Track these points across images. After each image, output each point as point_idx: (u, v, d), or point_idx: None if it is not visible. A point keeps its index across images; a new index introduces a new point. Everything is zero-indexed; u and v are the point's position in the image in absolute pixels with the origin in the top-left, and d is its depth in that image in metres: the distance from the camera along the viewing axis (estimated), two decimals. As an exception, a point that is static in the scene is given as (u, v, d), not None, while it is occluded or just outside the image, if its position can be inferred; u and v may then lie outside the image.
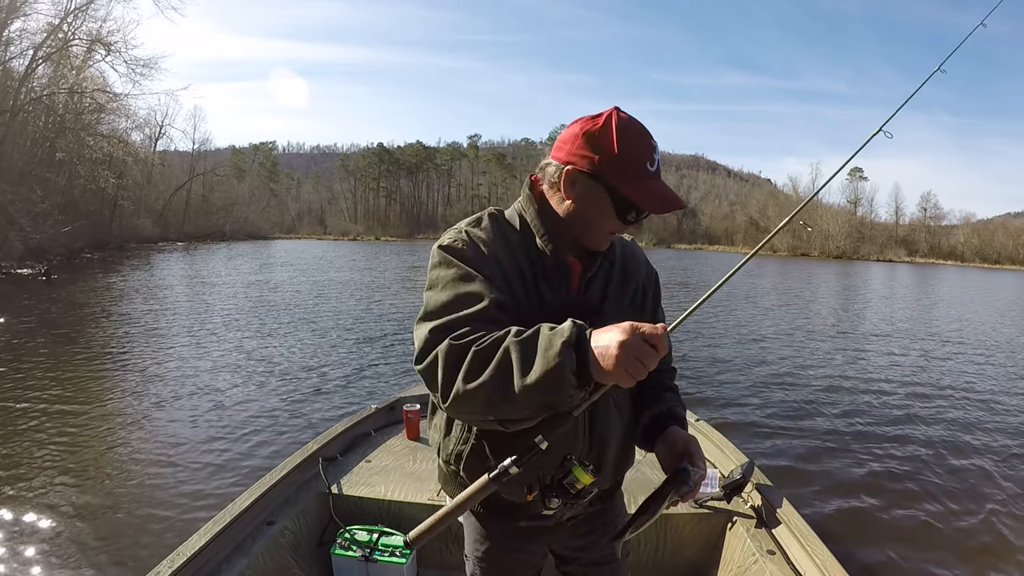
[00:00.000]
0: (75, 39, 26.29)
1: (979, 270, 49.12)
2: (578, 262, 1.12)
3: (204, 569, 1.69)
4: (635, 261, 1.23)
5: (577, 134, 1.04)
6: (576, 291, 1.12)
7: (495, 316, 0.98)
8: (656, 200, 1.04)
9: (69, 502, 3.42)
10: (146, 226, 38.62)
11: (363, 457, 2.56)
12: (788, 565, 1.86)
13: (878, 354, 9.15)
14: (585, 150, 1.03)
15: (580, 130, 1.04)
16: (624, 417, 1.20)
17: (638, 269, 1.22)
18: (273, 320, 10.31)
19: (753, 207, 68.10)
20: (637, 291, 1.21)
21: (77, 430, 4.57)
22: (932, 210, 65.90)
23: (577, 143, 1.04)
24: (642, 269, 1.24)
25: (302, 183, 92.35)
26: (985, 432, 5.42)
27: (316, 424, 4.82)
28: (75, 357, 7.07)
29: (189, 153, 53.59)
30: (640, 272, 1.23)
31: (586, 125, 1.04)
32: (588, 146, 1.02)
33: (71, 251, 22.51)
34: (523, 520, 1.21)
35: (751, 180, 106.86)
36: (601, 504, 1.28)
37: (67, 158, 26.76)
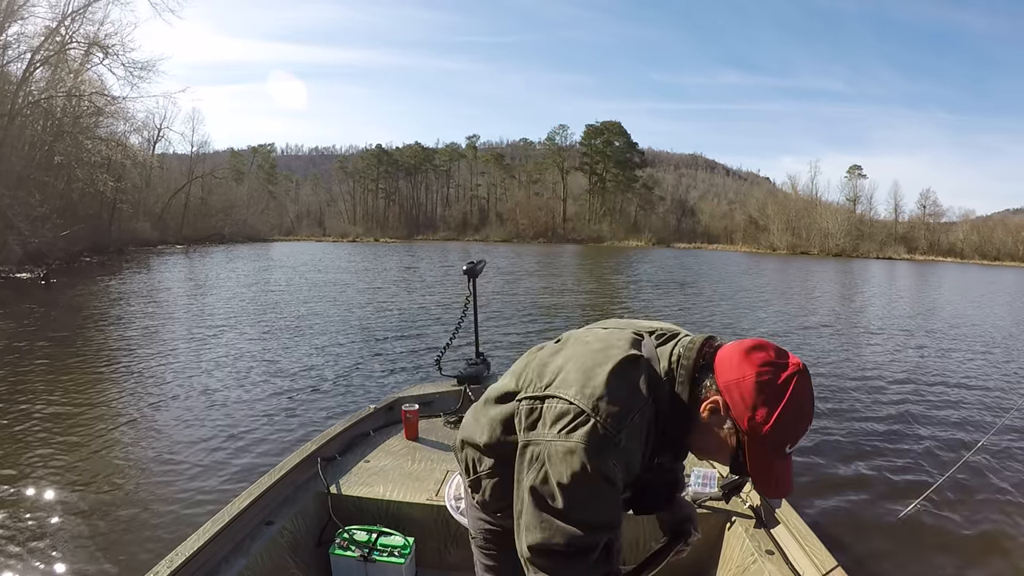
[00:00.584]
0: (73, 42, 26.28)
1: (979, 267, 49.12)
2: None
3: (203, 569, 1.69)
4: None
5: (751, 377, 0.92)
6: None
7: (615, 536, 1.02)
8: (770, 483, 0.97)
9: (68, 503, 3.43)
10: (145, 229, 38.58)
11: (362, 457, 2.56)
12: (787, 565, 1.86)
13: (877, 352, 9.15)
14: (746, 398, 0.92)
15: (755, 374, 0.92)
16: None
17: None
18: (272, 321, 10.31)
19: (752, 206, 68.06)
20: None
21: (76, 432, 4.57)
22: (931, 207, 65.91)
23: (746, 385, 0.93)
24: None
25: (301, 185, 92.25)
26: (985, 430, 5.41)
27: (315, 424, 4.82)
28: (74, 360, 7.07)
29: (188, 156, 53.51)
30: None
31: (765, 374, 0.92)
32: (752, 395, 0.92)
33: (70, 255, 22.48)
34: None
35: (749, 179, 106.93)
36: None
37: (65, 162, 26.74)
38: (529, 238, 68.03)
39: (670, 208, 79.65)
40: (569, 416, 0.95)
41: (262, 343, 8.38)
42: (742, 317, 12.67)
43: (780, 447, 0.93)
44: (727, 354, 0.97)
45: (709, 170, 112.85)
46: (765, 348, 0.95)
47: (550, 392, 1.00)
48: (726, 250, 60.25)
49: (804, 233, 60.45)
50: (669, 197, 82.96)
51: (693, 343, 1.02)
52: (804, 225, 60.85)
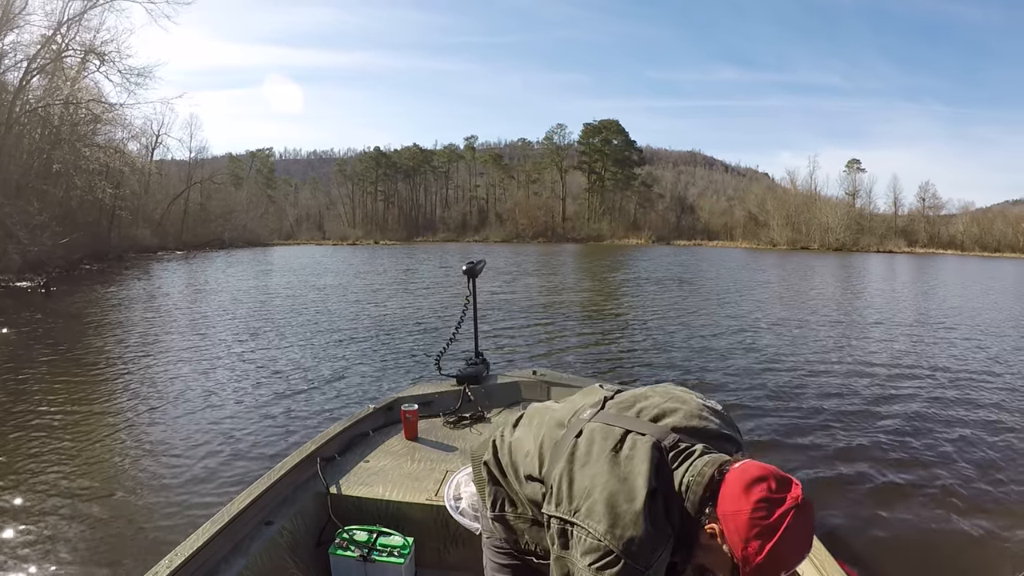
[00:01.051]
0: (69, 50, 26.33)
1: (979, 259, 49.07)
2: None
3: (202, 569, 1.70)
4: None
5: (746, 512, 0.95)
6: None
7: None
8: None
9: (68, 504, 3.44)
10: (144, 236, 38.59)
11: (361, 457, 2.56)
12: None
13: (878, 350, 9.13)
14: (740, 531, 0.96)
15: (750, 510, 0.95)
16: None
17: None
18: (271, 323, 10.32)
19: (752, 201, 67.99)
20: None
21: (77, 435, 4.58)
22: (931, 200, 65.83)
23: (741, 520, 0.95)
24: None
25: (300, 189, 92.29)
26: (986, 428, 5.40)
27: (314, 424, 4.83)
28: (75, 367, 7.08)
29: (186, 162, 53.52)
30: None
31: (760, 510, 0.95)
32: (746, 530, 0.95)
33: (70, 263, 22.50)
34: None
35: (748, 175, 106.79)
36: None
37: (64, 169, 26.76)
38: (529, 238, 68.02)
39: (669, 205, 79.61)
40: (600, 553, 1.02)
41: (262, 345, 8.39)
42: (741, 313, 12.66)
43: (772, 566, 0.95)
44: (730, 483, 1.00)
45: (708, 167, 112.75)
46: (766, 479, 0.97)
47: (578, 520, 1.06)
48: (726, 246, 60.22)
49: (804, 228, 60.39)
50: (668, 194, 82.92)
51: (703, 475, 1.04)
52: (804, 220, 60.80)
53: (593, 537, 1.02)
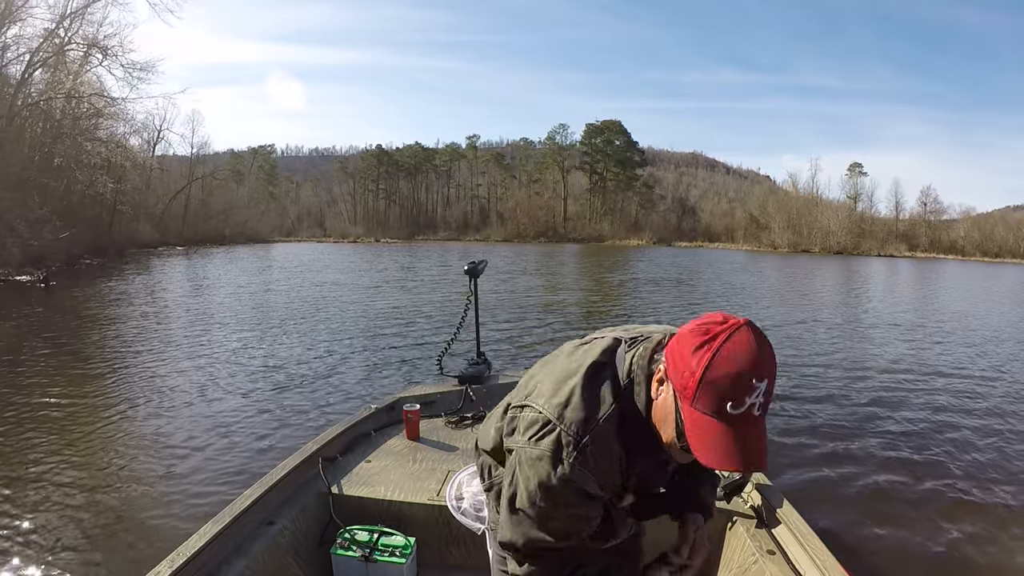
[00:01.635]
0: (71, 43, 26.32)
1: (980, 264, 49.08)
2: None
3: (204, 569, 1.69)
4: None
5: (688, 336, 0.90)
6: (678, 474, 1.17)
7: (588, 544, 1.08)
8: (721, 452, 0.86)
9: (69, 504, 3.43)
10: (145, 231, 38.61)
11: (363, 457, 2.56)
12: (788, 565, 1.85)
13: (879, 352, 9.13)
14: (683, 355, 0.89)
15: (691, 332, 0.90)
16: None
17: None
18: (272, 322, 10.31)
19: (753, 204, 68.06)
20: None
21: (76, 434, 4.57)
22: (932, 204, 65.86)
23: (683, 343, 0.90)
24: None
25: (301, 186, 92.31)
26: (987, 429, 5.40)
27: (316, 424, 4.82)
28: (74, 363, 7.07)
29: (188, 158, 53.56)
30: None
31: (700, 331, 0.89)
32: (687, 351, 0.88)
33: (70, 257, 22.49)
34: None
35: (750, 177, 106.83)
36: None
37: (65, 163, 26.78)
38: (530, 238, 68.06)
39: (671, 207, 79.64)
40: (538, 424, 0.99)
41: (262, 344, 8.38)
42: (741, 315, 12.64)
43: (715, 403, 0.85)
44: (677, 333, 0.95)
45: (709, 168, 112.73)
46: (712, 315, 0.92)
47: (527, 402, 1.05)
48: (727, 248, 60.24)
49: (805, 231, 60.45)
50: (669, 196, 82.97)
51: (651, 342, 1.01)
52: (805, 223, 60.85)
53: (534, 410, 1.01)
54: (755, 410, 0.85)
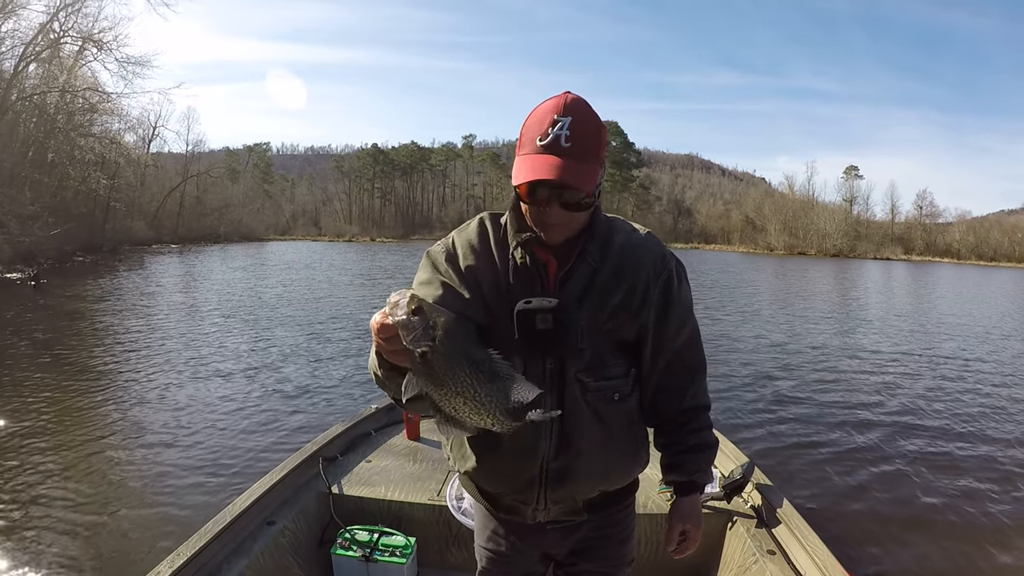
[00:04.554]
0: (66, 37, 26.14)
1: (975, 267, 49.44)
2: (554, 260, 1.09)
3: (204, 569, 1.68)
4: (636, 259, 1.11)
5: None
6: (552, 289, 1.08)
7: None
8: (521, 172, 1.01)
9: (68, 505, 3.40)
10: (139, 228, 38.38)
11: (363, 457, 2.55)
12: (788, 565, 1.86)
13: (877, 353, 9.17)
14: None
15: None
16: (610, 428, 1.13)
17: (639, 267, 1.11)
18: (270, 322, 10.26)
19: (749, 206, 68.36)
20: (634, 291, 1.10)
21: (75, 435, 4.53)
22: (928, 208, 66.37)
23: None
24: (646, 267, 1.11)
25: (296, 184, 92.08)
26: (986, 431, 5.44)
27: (316, 424, 4.80)
28: (66, 363, 7.00)
29: (183, 155, 53.36)
30: (642, 270, 1.11)
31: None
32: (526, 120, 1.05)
33: (62, 254, 22.31)
34: (501, 512, 1.24)
35: (745, 179, 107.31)
36: (593, 514, 1.22)
37: (58, 159, 26.59)
38: (525, 238, 67.94)
39: (666, 208, 79.87)
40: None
41: (260, 344, 8.34)
42: (741, 317, 12.70)
43: (529, 143, 1.02)
44: None
45: (705, 170, 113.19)
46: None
47: None
48: (723, 250, 60.48)
49: (801, 233, 60.78)
50: (665, 197, 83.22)
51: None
52: (801, 225, 61.19)
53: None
54: (562, 141, 0.98)
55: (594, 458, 1.13)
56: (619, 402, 1.14)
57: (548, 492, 1.15)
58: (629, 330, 1.12)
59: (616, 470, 1.19)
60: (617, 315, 1.10)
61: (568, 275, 1.08)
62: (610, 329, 1.10)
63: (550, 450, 1.11)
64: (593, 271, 1.09)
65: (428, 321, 0.83)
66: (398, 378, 0.92)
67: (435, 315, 0.85)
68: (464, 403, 0.86)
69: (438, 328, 0.84)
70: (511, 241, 1.10)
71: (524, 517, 1.21)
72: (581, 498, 1.19)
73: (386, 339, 0.85)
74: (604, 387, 1.12)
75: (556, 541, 1.26)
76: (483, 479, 1.21)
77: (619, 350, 1.13)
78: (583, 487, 1.17)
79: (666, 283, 1.13)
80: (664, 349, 1.15)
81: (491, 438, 1.00)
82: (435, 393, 0.87)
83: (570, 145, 0.98)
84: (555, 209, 1.02)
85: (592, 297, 1.08)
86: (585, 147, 1.00)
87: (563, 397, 1.09)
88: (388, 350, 0.88)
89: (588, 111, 1.02)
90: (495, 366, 0.88)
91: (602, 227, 1.12)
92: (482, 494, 1.25)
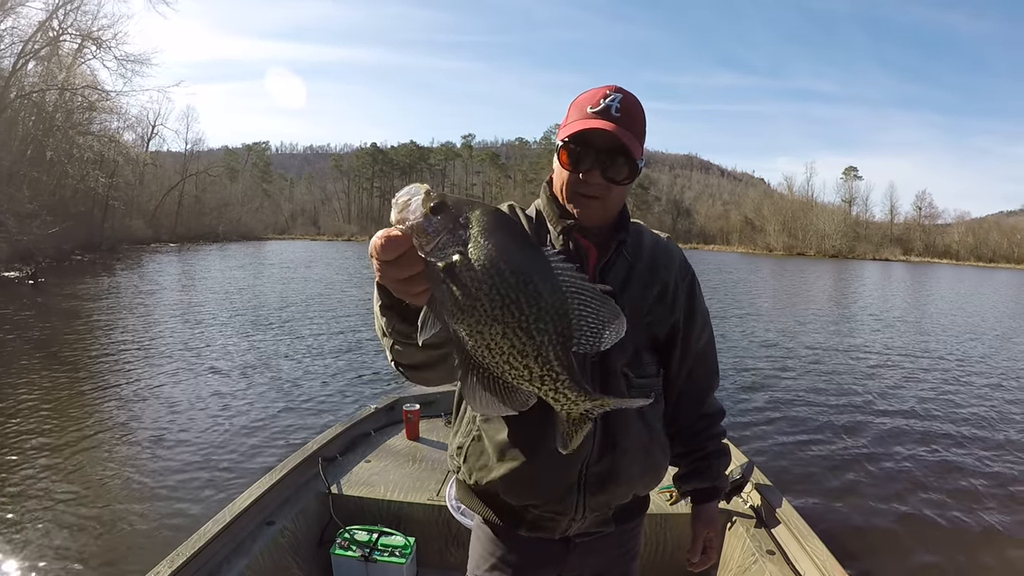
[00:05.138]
0: (65, 35, 26.08)
1: (975, 269, 49.49)
2: (594, 248, 1.08)
3: (204, 569, 1.68)
4: (668, 259, 1.14)
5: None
6: (592, 279, 1.03)
7: None
8: (571, 127, 1.01)
9: (68, 505, 3.39)
10: (138, 227, 38.33)
11: (363, 457, 2.55)
12: (787, 565, 1.86)
13: (877, 354, 9.19)
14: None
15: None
16: (652, 427, 1.11)
17: (670, 267, 1.14)
18: (269, 322, 10.25)
19: (748, 206, 68.43)
20: (666, 289, 1.12)
21: (73, 435, 4.52)
22: (927, 209, 66.49)
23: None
24: (674, 267, 1.15)
25: (295, 183, 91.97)
26: (985, 433, 5.45)
27: (315, 424, 4.80)
28: (64, 362, 6.99)
29: (182, 153, 53.26)
30: (672, 270, 1.14)
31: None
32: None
33: (60, 253, 22.25)
34: (524, 529, 1.12)
35: (744, 179, 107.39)
36: (618, 525, 1.16)
37: (57, 158, 26.52)
38: (525, 238, 67.92)
39: (665, 208, 79.91)
40: None
41: (260, 344, 8.33)
42: (740, 318, 12.70)
43: (578, 111, 1.03)
44: None
45: (704, 171, 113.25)
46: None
47: None
48: (722, 251, 60.51)
49: (800, 234, 60.86)
50: (664, 197, 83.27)
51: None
52: (800, 226, 61.26)
53: None
54: (613, 111, 0.99)
55: (637, 458, 1.08)
56: (656, 401, 1.13)
57: (588, 499, 1.06)
58: (664, 326, 1.13)
59: (653, 471, 1.14)
60: (655, 310, 1.11)
61: (608, 265, 1.08)
62: (649, 323, 1.10)
63: (593, 450, 1.04)
64: (630, 265, 1.09)
65: (457, 218, 0.58)
66: (406, 327, 0.70)
67: (465, 208, 0.59)
68: (505, 338, 0.56)
69: (471, 225, 0.58)
70: (552, 227, 1.08)
71: (553, 532, 1.11)
72: (616, 503, 1.12)
73: (395, 261, 0.58)
74: (645, 384, 1.10)
75: (578, 560, 1.17)
76: (511, 491, 1.07)
77: (653, 347, 1.13)
78: (622, 490, 1.10)
79: (690, 286, 1.16)
80: (689, 351, 1.16)
81: (525, 437, 0.96)
82: (465, 326, 0.57)
83: (620, 115, 1.00)
84: (596, 178, 1.01)
85: (632, 288, 1.08)
86: (634, 121, 1.01)
87: (607, 391, 1.02)
88: (399, 279, 0.60)
89: (636, 98, 1.05)
90: (562, 277, 0.58)
91: (630, 225, 1.13)
92: (500, 511, 1.12)
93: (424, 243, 0.57)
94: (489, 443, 1.07)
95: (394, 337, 0.75)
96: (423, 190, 0.59)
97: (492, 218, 0.58)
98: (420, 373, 0.82)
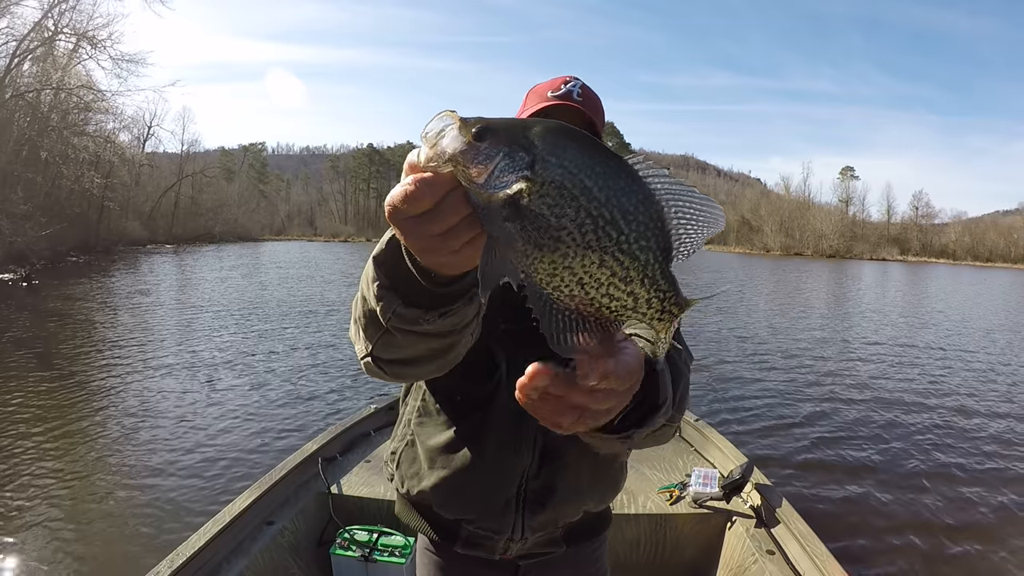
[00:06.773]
0: (60, 34, 25.97)
1: (971, 268, 49.70)
2: None
3: (204, 569, 1.67)
4: None
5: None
6: None
7: None
8: (542, 106, 1.00)
9: (67, 505, 3.39)
10: (134, 228, 38.19)
11: (362, 457, 2.55)
12: (787, 564, 1.86)
13: (874, 355, 9.22)
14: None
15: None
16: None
17: None
18: (268, 322, 10.22)
19: (745, 207, 68.55)
20: None
21: (71, 436, 4.51)
22: (924, 209, 66.77)
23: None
24: None
25: (292, 184, 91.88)
26: (985, 432, 5.48)
27: (315, 425, 4.79)
28: (59, 365, 6.95)
29: (178, 154, 53.09)
30: None
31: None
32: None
33: (55, 254, 22.12)
34: (459, 546, 1.01)
35: (741, 180, 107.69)
36: (571, 546, 1.04)
37: (52, 159, 26.37)
38: (522, 238, 67.97)
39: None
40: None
41: (259, 345, 8.30)
42: (740, 319, 12.73)
43: (539, 97, 1.02)
44: None
45: (700, 171, 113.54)
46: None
47: None
48: (719, 251, 60.60)
49: (797, 234, 61.00)
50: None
51: None
52: (797, 226, 61.41)
53: None
54: (574, 96, 1.00)
55: (582, 471, 0.97)
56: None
57: (527, 516, 0.96)
58: None
59: (606, 483, 1.04)
60: None
61: None
62: None
63: (533, 462, 0.94)
64: None
65: (512, 138, 0.45)
66: (412, 311, 0.58)
67: (517, 127, 0.46)
68: (604, 266, 0.46)
69: (534, 143, 0.45)
70: None
71: (491, 552, 1.00)
72: (564, 522, 1.01)
73: (431, 211, 0.45)
74: None
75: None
76: (442, 502, 0.97)
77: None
78: (567, 508, 0.99)
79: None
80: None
81: (460, 443, 0.89)
82: (547, 265, 0.46)
83: (582, 100, 1.01)
84: None
85: None
86: (595, 107, 1.02)
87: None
88: (435, 234, 0.46)
89: (592, 89, 1.06)
90: (653, 183, 0.49)
91: None
92: (434, 525, 1.01)
93: (476, 175, 0.45)
94: (421, 449, 0.97)
95: (393, 325, 0.60)
96: (455, 117, 0.47)
97: (557, 131, 0.47)
98: (407, 369, 0.67)
